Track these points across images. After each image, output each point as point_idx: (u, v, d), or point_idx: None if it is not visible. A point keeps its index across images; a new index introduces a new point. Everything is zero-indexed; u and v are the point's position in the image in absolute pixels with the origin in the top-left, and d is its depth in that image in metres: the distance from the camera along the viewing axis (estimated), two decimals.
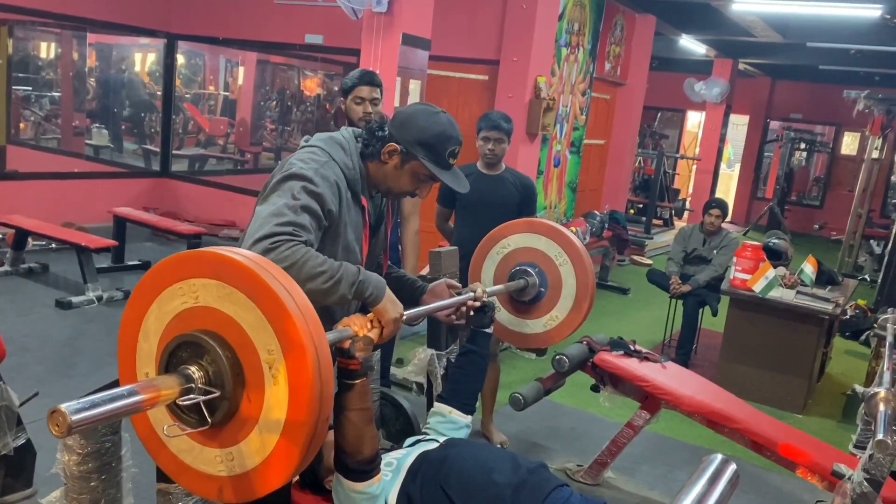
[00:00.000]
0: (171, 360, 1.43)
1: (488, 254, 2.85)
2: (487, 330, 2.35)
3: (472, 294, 2.27)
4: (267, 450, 1.40)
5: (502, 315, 2.79)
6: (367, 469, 1.82)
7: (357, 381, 1.75)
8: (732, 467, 1.71)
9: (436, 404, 2.30)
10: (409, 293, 2.29)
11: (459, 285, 2.29)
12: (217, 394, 1.38)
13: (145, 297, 1.49)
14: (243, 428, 1.41)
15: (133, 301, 1.51)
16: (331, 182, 1.87)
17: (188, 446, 1.49)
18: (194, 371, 1.39)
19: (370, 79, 3.19)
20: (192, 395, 1.37)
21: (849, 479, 2.29)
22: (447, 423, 2.23)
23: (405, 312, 1.93)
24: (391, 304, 1.86)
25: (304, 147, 1.97)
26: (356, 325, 1.77)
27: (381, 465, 1.97)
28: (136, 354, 1.52)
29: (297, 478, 2.33)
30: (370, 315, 1.85)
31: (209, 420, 1.39)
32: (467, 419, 2.26)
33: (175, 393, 1.36)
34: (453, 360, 2.43)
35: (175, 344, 1.43)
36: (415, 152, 1.94)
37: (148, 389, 1.32)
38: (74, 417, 1.16)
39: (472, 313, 2.29)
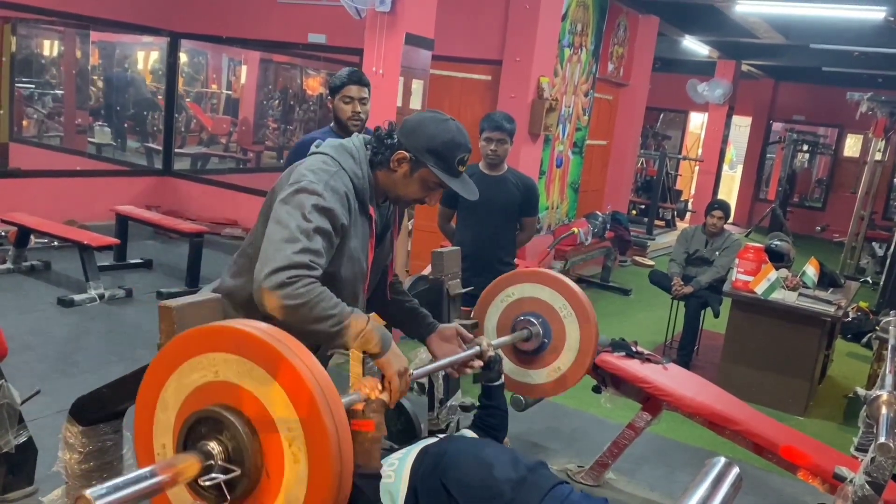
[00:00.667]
0: (191, 434, 1.43)
1: (492, 302, 2.86)
2: (499, 382, 2.35)
3: (477, 349, 2.26)
4: None
5: (505, 364, 2.79)
6: None
7: (369, 446, 1.73)
8: (735, 470, 1.71)
9: (462, 430, 2.32)
10: (418, 329, 2.29)
11: (470, 336, 2.29)
12: (237, 472, 1.38)
13: (165, 367, 1.49)
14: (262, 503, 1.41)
15: (152, 371, 1.51)
16: (340, 194, 1.86)
17: None
18: (214, 447, 1.38)
19: (358, 78, 3.17)
20: (212, 475, 1.36)
21: (850, 481, 2.29)
22: None
23: (417, 372, 1.94)
24: (395, 358, 1.85)
25: (314, 153, 1.96)
26: (367, 388, 1.76)
27: (384, 468, 1.97)
28: (153, 425, 1.52)
29: None
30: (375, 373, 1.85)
31: (228, 497, 1.39)
32: None
33: (196, 471, 1.36)
34: (474, 416, 2.43)
35: (194, 419, 1.42)
36: (424, 160, 1.93)
37: (168, 469, 1.33)
38: (99, 503, 1.18)
39: (479, 368, 2.29)
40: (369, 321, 1.82)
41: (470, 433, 2.27)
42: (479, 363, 2.25)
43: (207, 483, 1.37)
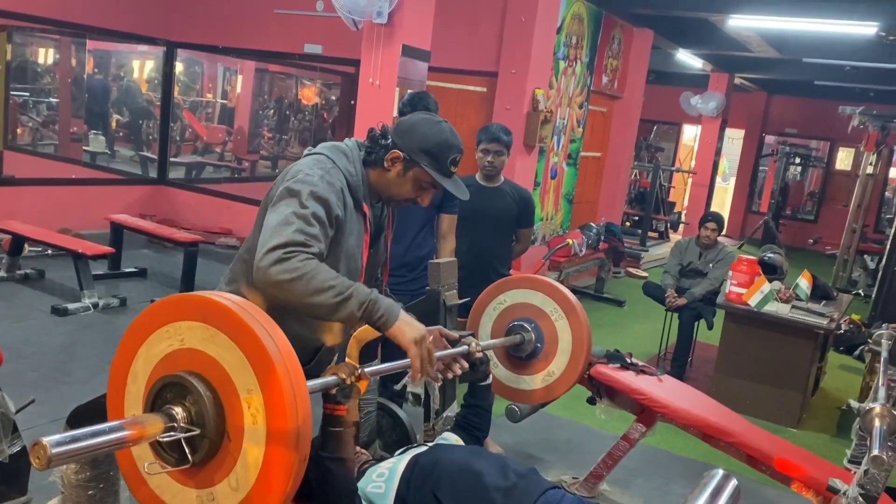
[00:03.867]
0: (157, 400, 1.47)
1: (485, 310, 2.87)
2: (486, 382, 2.36)
3: (465, 348, 2.24)
4: (245, 489, 1.43)
5: (500, 372, 2.80)
6: None
7: (341, 430, 1.76)
8: (733, 483, 1.72)
9: (444, 433, 2.32)
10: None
11: (455, 335, 2.27)
12: (197, 432, 1.42)
13: (135, 340, 1.54)
14: (222, 467, 1.45)
15: (123, 345, 1.56)
16: (336, 188, 1.89)
17: (168, 485, 1.52)
18: (178, 412, 1.43)
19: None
20: (172, 433, 1.40)
21: (844, 494, 2.30)
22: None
23: (392, 364, 1.95)
24: (408, 326, 1.82)
25: (308, 154, 1.99)
26: (343, 374, 1.77)
27: (374, 477, 1.98)
28: (124, 396, 1.56)
29: None
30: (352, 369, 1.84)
31: (190, 459, 1.42)
32: None
33: (157, 430, 1.39)
34: (458, 415, 2.43)
35: (160, 385, 1.47)
36: (418, 160, 1.97)
37: (130, 426, 1.36)
38: (54, 451, 1.21)
39: (466, 368, 2.28)
40: (373, 292, 1.81)
41: (453, 437, 2.27)
42: (459, 368, 2.23)
43: (169, 441, 1.40)
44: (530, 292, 2.77)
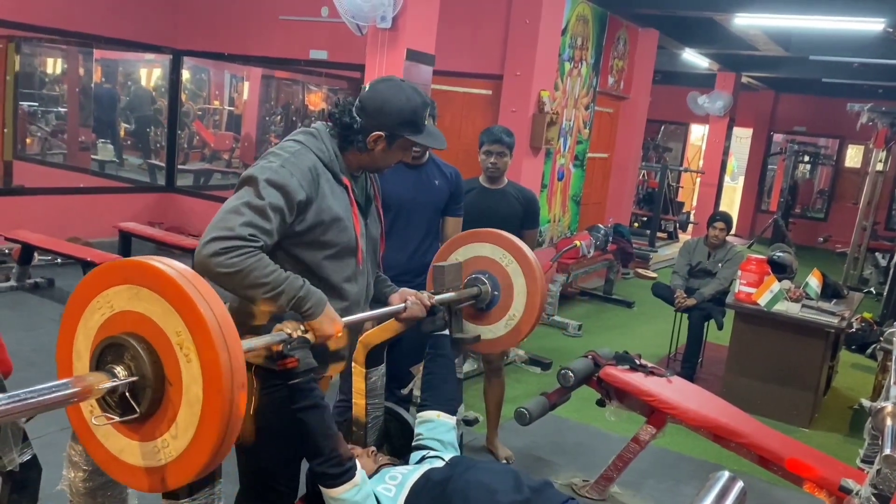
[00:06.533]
0: (99, 366, 1.52)
1: None
2: (444, 332, 2.44)
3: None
4: (192, 430, 1.47)
5: (467, 327, 2.82)
6: (335, 473, 1.84)
7: (300, 380, 1.82)
8: (739, 485, 1.71)
9: (420, 414, 2.33)
10: (379, 291, 2.36)
11: (423, 295, 2.37)
12: (136, 379, 1.47)
13: (71, 320, 1.59)
14: (168, 413, 1.49)
15: (63, 328, 1.61)
16: (303, 169, 1.95)
17: (120, 440, 1.56)
18: (119, 369, 1.48)
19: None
20: (114, 383, 1.46)
21: (856, 494, 2.28)
22: (438, 427, 2.28)
23: (345, 319, 2.02)
24: (328, 321, 1.93)
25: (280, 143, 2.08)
26: (289, 328, 1.85)
27: (387, 479, 1.98)
28: (72, 374, 1.60)
29: (300, 494, 2.33)
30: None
31: (137, 409, 1.47)
32: (453, 420, 2.33)
33: (99, 385, 1.44)
34: (423, 372, 2.50)
35: (99, 351, 1.52)
36: (400, 133, 2.05)
37: (75, 384, 1.42)
38: None
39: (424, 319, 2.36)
40: (304, 286, 1.90)
41: (434, 413, 2.30)
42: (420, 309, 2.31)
43: (111, 393, 1.45)
44: (479, 245, 2.79)
